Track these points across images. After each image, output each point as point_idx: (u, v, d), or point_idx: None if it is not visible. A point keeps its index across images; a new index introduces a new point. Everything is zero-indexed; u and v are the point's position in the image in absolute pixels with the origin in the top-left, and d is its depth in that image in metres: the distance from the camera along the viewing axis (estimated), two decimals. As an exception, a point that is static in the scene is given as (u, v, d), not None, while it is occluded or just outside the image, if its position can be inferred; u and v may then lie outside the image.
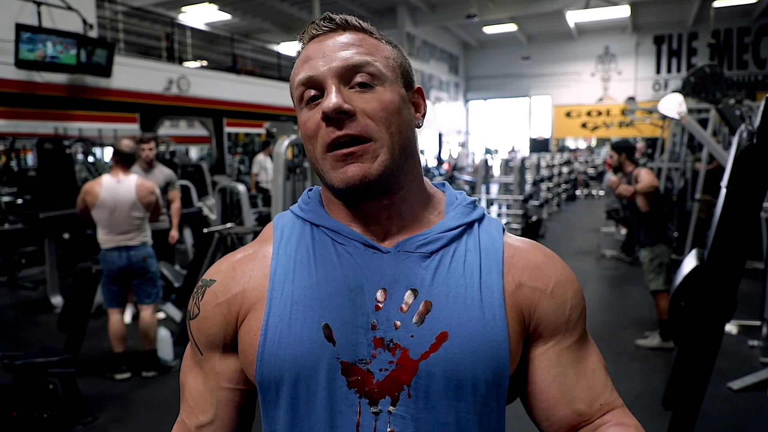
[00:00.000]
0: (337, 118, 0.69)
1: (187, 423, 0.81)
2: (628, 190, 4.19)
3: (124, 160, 3.70)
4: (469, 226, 0.78)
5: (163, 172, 4.87)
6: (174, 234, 4.85)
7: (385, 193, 0.74)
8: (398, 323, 0.70)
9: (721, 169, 2.47)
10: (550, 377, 0.75)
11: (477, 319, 0.70)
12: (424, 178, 0.81)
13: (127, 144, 3.74)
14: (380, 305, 0.71)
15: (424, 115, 0.80)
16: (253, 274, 0.76)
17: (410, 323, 0.70)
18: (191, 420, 0.80)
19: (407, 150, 0.74)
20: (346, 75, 0.71)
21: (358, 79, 0.71)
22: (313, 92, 0.72)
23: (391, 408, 0.69)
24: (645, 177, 4.12)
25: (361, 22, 0.76)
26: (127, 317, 4.63)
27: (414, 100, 0.79)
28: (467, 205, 0.81)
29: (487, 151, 20.32)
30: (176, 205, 4.89)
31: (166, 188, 4.85)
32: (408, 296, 0.71)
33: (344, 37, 0.74)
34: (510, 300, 0.73)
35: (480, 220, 0.80)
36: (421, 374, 0.68)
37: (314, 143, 0.72)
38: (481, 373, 0.69)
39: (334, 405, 0.69)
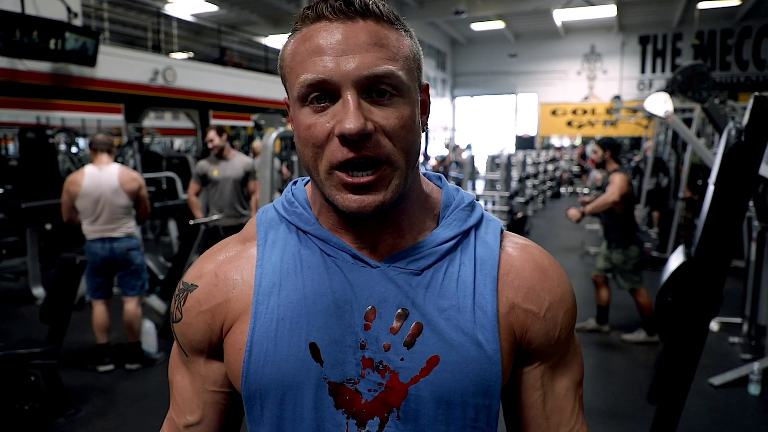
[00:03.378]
0: (356, 140, 0.61)
1: (176, 421, 0.79)
2: (575, 215, 4.34)
3: (100, 148, 3.70)
4: (465, 234, 0.73)
5: (242, 160, 4.57)
6: None
7: (388, 211, 0.69)
8: (388, 345, 0.67)
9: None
10: (533, 397, 0.74)
11: (469, 342, 0.67)
12: (421, 175, 0.76)
13: (101, 135, 3.83)
14: (369, 324, 0.67)
15: (428, 116, 0.74)
16: (238, 282, 0.72)
17: (400, 346, 0.67)
18: (180, 419, 0.79)
19: (415, 163, 0.69)
20: (366, 84, 0.62)
21: (380, 87, 0.63)
22: (318, 93, 0.63)
23: (379, 429, 0.67)
24: (603, 196, 4.22)
25: (382, 7, 0.66)
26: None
27: (422, 98, 0.72)
28: (464, 208, 0.75)
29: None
30: (257, 197, 4.48)
31: (245, 178, 4.56)
32: (398, 316, 0.68)
33: (364, 30, 0.64)
34: (503, 320, 0.70)
35: (477, 225, 0.75)
36: (411, 398, 0.66)
37: (317, 153, 0.65)
38: (472, 396, 0.67)
39: (321, 425, 0.68)
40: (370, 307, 0.68)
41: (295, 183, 0.79)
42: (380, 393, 0.67)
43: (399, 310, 0.68)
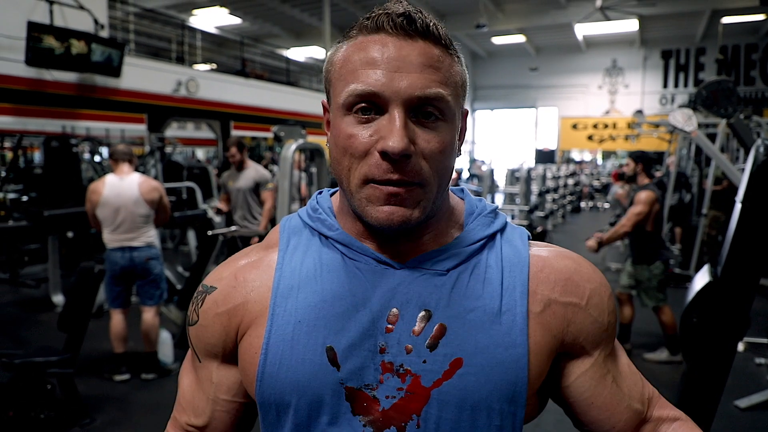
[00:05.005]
0: (397, 159, 0.61)
1: (178, 419, 0.79)
2: (592, 245, 4.30)
3: (121, 158, 3.74)
4: (491, 238, 0.73)
5: (255, 171, 4.67)
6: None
7: (414, 228, 0.68)
8: (410, 347, 0.65)
9: (732, 188, 2.42)
10: (607, 388, 0.73)
11: (495, 345, 0.65)
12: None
13: (121, 145, 3.89)
14: (391, 327, 0.66)
15: (463, 142, 0.73)
16: (256, 285, 0.71)
17: (423, 348, 0.65)
18: (182, 417, 0.78)
19: (446, 186, 0.69)
20: (415, 104, 0.63)
21: (427, 109, 0.63)
22: (365, 104, 0.63)
23: None
24: (617, 225, 4.19)
25: (441, 30, 0.66)
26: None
27: (461, 124, 0.72)
28: (488, 214, 0.75)
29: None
30: (267, 206, 4.63)
31: (256, 189, 4.66)
32: (421, 318, 0.66)
33: (421, 50, 0.63)
34: (536, 321, 0.68)
35: (502, 230, 0.74)
36: (433, 403, 0.64)
37: (353, 164, 0.64)
38: (497, 401, 0.65)
39: None
40: (393, 310, 0.66)
41: (320, 192, 0.79)
42: (399, 399, 0.65)
43: (422, 312, 0.66)
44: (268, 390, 0.67)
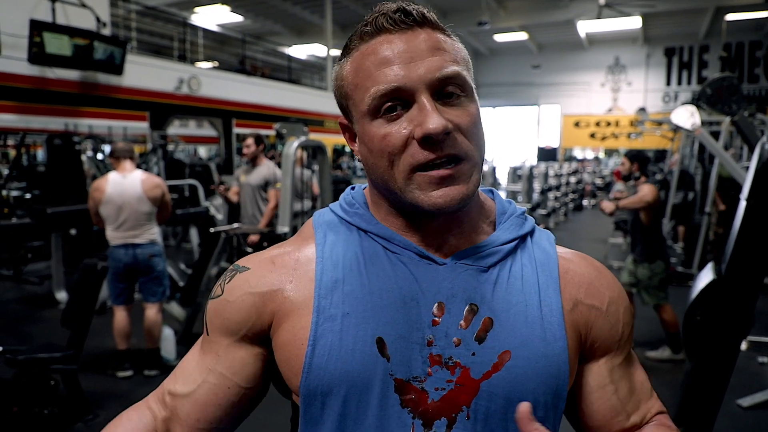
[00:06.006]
0: (439, 140, 0.63)
1: (163, 387, 0.77)
2: (609, 207, 4.20)
3: (122, 156, 3.74)
4: (522, 239, 0.75)
5: (266, 168, 4.64)
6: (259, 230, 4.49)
7: (464, 207, 0.69)
8: (458, 340, 0.66)
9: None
10: (605, 395, 0.74)
11: (539, 338, 0.68)
12: None
13: (121, 143, 3.90)
14: (438, 320, 0.67)
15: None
16: (296, 275, 0.71)
17: (471, 340, 0.66)
18: (168, 384, 0.76)
19: (483, 160, 0.70)
20: (438, 86, 0.64)
21: (448, 89, 0.65)
22: (390, 103, 0.64)
23: (446, 430, 0.65)
24: (637, 195, 4.11)
25: (435, 16, 0.69)
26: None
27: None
28: (519, 216, 0.77)
29: None
30: (270, 205, 4.55)
31: (265, 187, 4.64)
32: (468, 311, 0.67)
33: (424, 37, 0.66)
34: (568, 318, 0.71)
35: (531, 232, 0.77)
36: (482, 395, 0.65)
37: (393, 161, 0.65)
38: (542, 394, 0.67)
39: (385, 424, 0.66)
40: (437, 303, 0.67)
41: (353, 188, 0.80)
42: (448, 391, 0.65)
43: (468, 306, 0.67)
44: (316, 381, 0.66)
